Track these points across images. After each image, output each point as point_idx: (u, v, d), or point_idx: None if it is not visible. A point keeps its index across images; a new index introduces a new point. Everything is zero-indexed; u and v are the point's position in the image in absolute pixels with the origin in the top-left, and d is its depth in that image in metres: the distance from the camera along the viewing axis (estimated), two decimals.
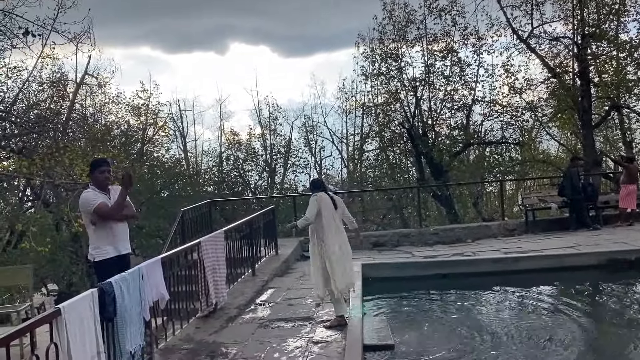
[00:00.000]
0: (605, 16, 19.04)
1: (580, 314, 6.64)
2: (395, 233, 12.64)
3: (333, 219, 5.86)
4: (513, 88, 19.47)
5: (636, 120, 20.83)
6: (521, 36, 19.71)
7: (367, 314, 6.71)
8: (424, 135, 19.06)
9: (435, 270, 8.37)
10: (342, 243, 5.87)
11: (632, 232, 11.22)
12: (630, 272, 8.16)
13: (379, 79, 19.44)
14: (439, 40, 19.00)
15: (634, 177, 12.49)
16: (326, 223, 5.80)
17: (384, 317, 6.47)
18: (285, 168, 29.92)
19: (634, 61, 19.14)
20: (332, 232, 5.80)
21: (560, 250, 9.37)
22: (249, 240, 8.54)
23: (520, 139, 22.46)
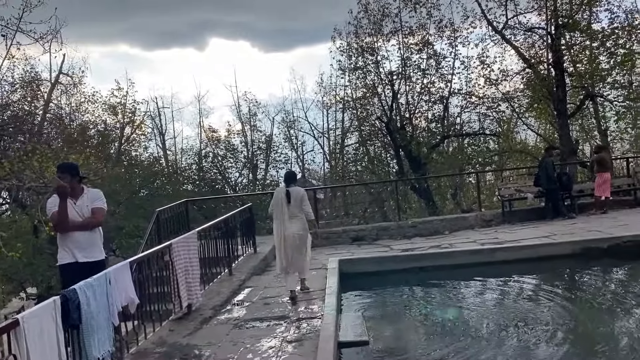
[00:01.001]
0: (577, 6, 19.22)
1: (558, 302, 6.69)
2: (375, 227, 12.66)
3: (282, 210, 6.82)
4: (489, 79, 19.59)
5: (610, 108, 21.09)
6: (496, 27, 19.81)
7: (343, 310, 6.70)
8: (402, 129, 19.08)
9: (412, 264, 8.39)
10: (288, 233, 6.76)
11: (606, 220, 11.38)
12: (604, 259, 8.26)
13: (355, 73, 19.41)
14: (414, 33, 19.01)
15: (608, 166, 12.67)
16: (276, 213, 6.92)
17: (361, 313, 6.45)
18: (267, 164, 29.78)
19: (607, 50, 19.40)
20: (279, 221, 6.86)
21: (536, 240, 9.45)
22: (225, 240, 8.46)
23: (498, 129, 22.64)
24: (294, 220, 6.79)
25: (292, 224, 6.77)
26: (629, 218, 11.30)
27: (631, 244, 8.27)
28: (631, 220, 10.94)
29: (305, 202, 6.88)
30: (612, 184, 13.17)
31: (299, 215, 6.84)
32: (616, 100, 20.50)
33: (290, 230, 6.75)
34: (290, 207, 6.79)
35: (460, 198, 21.54)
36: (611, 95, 20.62)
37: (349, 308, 7.05)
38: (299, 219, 6.84)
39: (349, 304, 7.20)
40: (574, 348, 5.18)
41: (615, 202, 13.32)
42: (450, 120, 20.45)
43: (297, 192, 6.86)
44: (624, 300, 6.61)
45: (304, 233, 6.89)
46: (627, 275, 7.97)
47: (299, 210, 6.82)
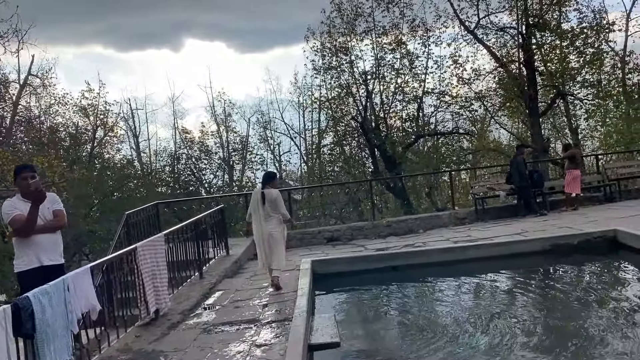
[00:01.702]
0: (547, 6, 19.52)
1: (531, 299, 6.73)
2: (350, 227, 12.60)
3: (257, 210, 7.27)
4: (461, 79, 19.75)
5: (580, 107, 21.47)
6: (468, 27, 20.00)
7: (316, 312, 6.60)
8: (376, 129, 19.11)
9: (386, 263, 8.33)
10: (264, 231, 7.21)
11: (576, 216, 11.52)
12: (575, 256, 8.32)
13: (329, 73, 19.37)
14: (388, 33, 19.06)
15: (578, 163, 12.84)
16: (252, 212, 7.37)
17: (333, 314, 6.36)
18: (244, 165, 29.57)
19: (576, 49, 19.73)
20: (257, 220, 7.29)
21: (508, 237, 9.50)
22: (196, 242, 8.29)
23: (472, 128, 22.86)
24: (269, 220, 7.24)
25: (267, 223, 7.23)
26: (599, 214, 11.46)
27: (601, 240, 8.35)
28: (601, 216, 11.09)
29: (279, 203, 7.27)
30: (583, 180, 13.37)
31: (274, 215, 7.25)
32: (586, 99, 20.89)
33: (266, 228, 7.21)
34: (265, 207, 7.22)
35: (435, 197, 21.64)
36: (581, 93, 21.00)
37: (322, 309, 6.95)
38: (274, 219, 7.26)
39: (321, 306, 7.10)
40: (548, 344, 5.17)
41: (585, 199, 13.53)
42: (425, 120, 20.56)
43: (271, 194, 7.25)
44: (594, 295, 6.65)
45: (278, 232, 7.30)
46: (597, 271, 8.05)
47: (273, 211, 7.23)
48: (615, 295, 6.46)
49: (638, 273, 7.37)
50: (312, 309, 6.58)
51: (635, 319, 5.51)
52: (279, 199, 7.31)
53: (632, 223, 9.48)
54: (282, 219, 7.32)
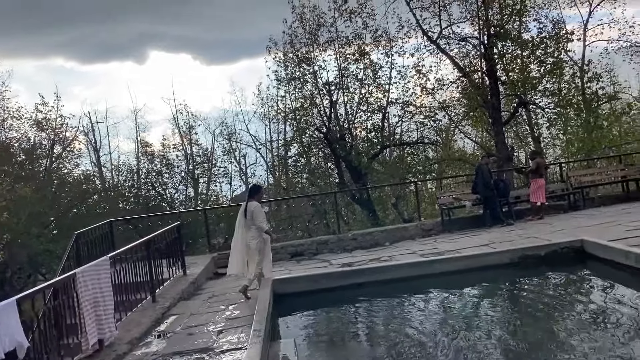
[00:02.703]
0: (508, 16, 19.72)
1: (499, 313, 6.48)
2: (314, 241, 12.23)
3: (239, 223, 7.87)
4: (425, 89, 19.72)
5: (542, 115, 21.74)
6: (431, 37, 20.03)
7: (276, 336, 6.17)
8: (341, 139, 18.83)
9: (351, 280, 7.94)
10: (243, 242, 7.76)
11: (542, 226, 11.44)
12: (542, 267, 8.13)
13: (292, 83, 19.04)
14: (351, 43, 18.87)
15: (543, 172, 12.82)
16: (236, 225, 7.94)
17: (293, 339, 5.94)
18: (209, 178, 28.90)
19: (537, 59, 19.98)
20: (237, 232, 7.88)
21: (475, 249, 9.29)
22: (148, 263, 7.76)
23: (437, 138, 22.85)
24: (249, 231, 7.74)
25: (248, 234, 7.75)
26: (564, 223, 11.41)
27: (568, 251, 8.18)
28: (566, 225, 11.03)
29: (255, 216, 7.67)
30: (547, 189, 13.36)
31: (253, 227, 7.70)
32: (547, 108, 21.16)
33: (247, 239, 7.73)
34: (246, 220, 7.76)
35: (402, 207, 21.47)
36: (542, 102, 21.26)
37: (283, 333, 6.53)
38: (253, 230, 7.71)
39: (282, 329, 6.67)
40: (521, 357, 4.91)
41: (550, 207, 13.53)
42: (390, 130, 20.41)
43: (251, 207, 7.74)
44: (563, 308, 6.43)
45: (255, 243, 7.70)
46: (565, 282, 7.85)
47: (253, 222, 7.69)
48: (583, 308, 6.25)
49: (605, 284, 7.18)
50: (273, 333, 6.15)
51: (602, 331, 5.31)
52: (256, 211, 7.68)
53: (598, 232, 9.41)
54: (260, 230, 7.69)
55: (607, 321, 5.65)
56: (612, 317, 5.73)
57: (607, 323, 5.59)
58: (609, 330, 5.36)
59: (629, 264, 6.92)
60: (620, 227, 9.58)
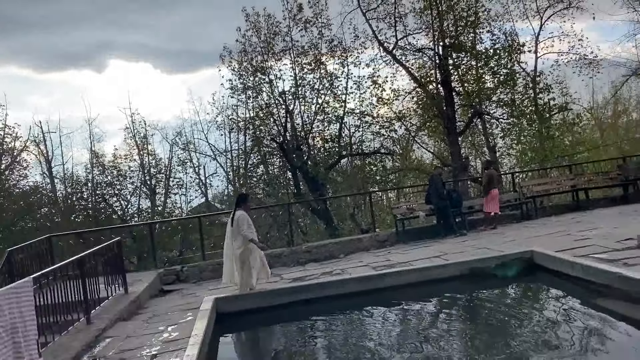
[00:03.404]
0: (462, 28, 19.97)
1: (450, 327, 6.33)
2: (266, 254, 11.79)
3: (227, 232, 8.14)
4: (381, 99, 19.72)
5: (496, 125, 22.06)
6: (387, 48, 20.10)
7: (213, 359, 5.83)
8: (298, 149, 18.58)
9: (299, 296, 7.68)
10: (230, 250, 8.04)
11: (495, 236, 11.43)
12: (493, 280, 8.06)
13: (247, 93, 18.72)
14: (307, 52, 18.71)
15: (495, 182, 12.88)
16: (226, 234, 8.24)
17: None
18: (167, 189, 28.15)
19: (490, 70, 20.30)
20: (226, 241, 8.21)
21: (427, 261, 9.16)
22: (82, 281, 7.26)
23: (394, 148, 22.88)
24: (236, 240, 7.91)
25: (235, 243, 7.92)
26: (516, 233, 11.44)
27: (518, 261, 8.14)
28: (518, 235, 11.05)
29: (240, 224, 7.82)
30: (501, 199, 13.44)
31: (239, 236, 7.87)
32: (501, 118, 21.49)
33: (233, 248, 7.94)
34: (233, 228, 7.95)
35: (360, 218, 21.36)
36: (497, 113, 21.58)
37: (225, 355, 6.19)
38: (239, 239, 7.88)
39: (222, 350, 6.33)
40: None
41: (503, 217, 13.60)
42: (347, 140, 20.29)
43: (236, 216, 7.93)
44: (513, 321, 6.32)
45: (242, 251, 7.88)
46: (515, 295, 7.81)
47: (237, 232, 7.88)
48: (532, 321, 6.15)
49: (553, 295, 7.14)
50: (210, 356, 5.80)
51: (551, 344, 5.21)
52: (240, 219, 7.85)
53: (548, 242, 9.43)
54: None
55: (554, 334, 5.56)
56: (560, 329, 5.66)
57: (554, 335, 5.50)
58: (556, 343, 5.27)
59: (576, 275, 6.90)
60: (569, 237, 9.63)
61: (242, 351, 6.51)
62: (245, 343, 6.72)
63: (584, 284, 6.61)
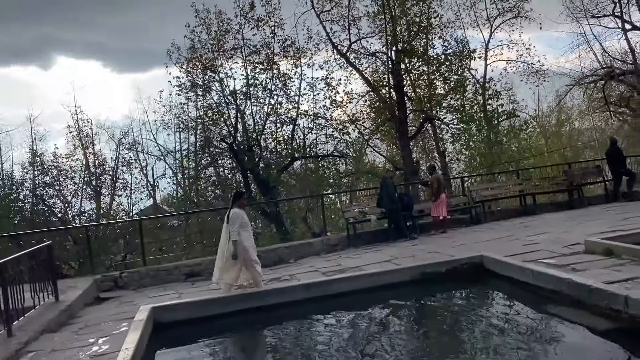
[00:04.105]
0: (415, 33, 20.10)
1: (404, 332, 6.14)
2: (212, 260, 11.25)
3: (223, 229, 8.08)
4: (335, 102, 19.56)
5: (447, 131, 22.32)
6: (341, 50, 19.99)
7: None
8: (249, 151, 18.10)
9: (244, 305, 7.26)
10: (224, 248, 7.93)
11: (445, 240, 11.39)
12: (444, 284, 7.91)
13: (195, 91, 18.08)
14: (259, 51, 18.29)
15: (443, 186, 12.88)
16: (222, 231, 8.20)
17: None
18: (113, 190, 27.02)
19: (441, 75, 20.51)
20: (221, 238, 8.14)
21: (377, 266, 8.96)
22: (1, 290, 6.60)
23: (347, 151, 22.75)
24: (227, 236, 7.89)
25: (227, 240, 7.88)
26: (466, 237, 11.43)
27: (468, 267, 8.03)
28: (467, 239, 11.04)
29: (231, 223, 7.74)
30: (450, 203, 13.47)
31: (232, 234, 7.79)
32: (451, 123, 21.77)
33: (227, 246, 7.84)
34: (227, 226, 7.89)
35: (312, 221, 21.07)
36: (447, 118, 21.86)
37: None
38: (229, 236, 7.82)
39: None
40: None
41: (453, 221, 13.63)
42: (299, 142, 19.97)
43: (231, 214, 7.85)
44: (463, 326, 6.16)
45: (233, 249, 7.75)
46: (465, 300, 7.68)
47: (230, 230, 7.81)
48: (481, 327, 6.00)
49: (504, 301, 7.04)
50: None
51: (498, 351, 5.06)
52: (232, 218, 7.76)
53: (497, 246, 9.42)
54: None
55: (502, 340, 5.42)
56: (508, 335, 5.52)
57: (502, 342, 5.36)
58: (503, 350, 5.12)
59: (526, 281, 6.82)
60: (518, 242, 9.66)
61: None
62: (182, 356, 6.24)
63: (534, 289, 6.54)
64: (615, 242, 7.54)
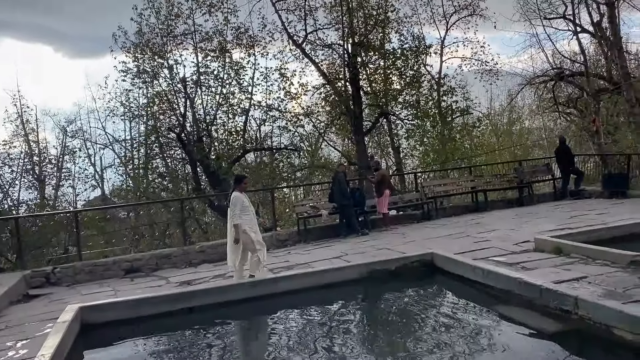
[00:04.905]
0: (372, 26, 19.86)
1: (350, 334, 5.80)
2: (154, 255, 10.77)
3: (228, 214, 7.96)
4: (289, 93, 19.13)
5: (401, 126, 22.27)
6: (296, 41, 19.52)
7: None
8: (199, 141, 17.43)
9: (181, 304, 6.76)
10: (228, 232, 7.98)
11: (396, 236, 11.22)
12: (393, 282, 7.66)
13: (143, 77, 17.25)
14: (211, 38, 17.61)
15: (386, 183, 12.73)
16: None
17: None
18: (59, 180, 25.74)
19: (397, 70, 20.39)
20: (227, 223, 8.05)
21: (326, 262, 8.67)
22: None
23: (301, 144, 22.35)
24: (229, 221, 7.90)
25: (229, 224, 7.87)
26: (417, 233, 11.29)
27: (418, 264, 7.82)
28: (418, 235, 10.90)
29: (231, 207, 7.72)
30: (402, 198, 13.35)
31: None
32: (406, 119, 21.72)
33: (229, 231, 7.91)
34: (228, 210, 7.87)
35: (264, 215, 20.58)
36: (402, 114, 21.79)
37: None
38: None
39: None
40: None
41: (405, 217, 13.52)
42: (252, 134, 19.44)
43: (231, 197, 7.83)
44: (410, 326, 5.92)
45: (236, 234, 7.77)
46: (415, 299, 7.43)
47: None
48: (429, 327, 5.77)
49: (454, 301, 6.83)
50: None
51: (445, 353, 4.83)
52: (232, 202, 7.75)
53: (448, 243, 9.30)
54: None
55: (450, 342, 5.19)
56: (457, 337, 5.30)
57: (450, 344, 5.12)
58: (451, 354, 4.89)
59: (476, 279, 6.64)
60: (469, 239, 9.56)
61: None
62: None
63: (485, 288, 6.36)
64: (565, 241, 7.51)
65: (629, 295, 5.17)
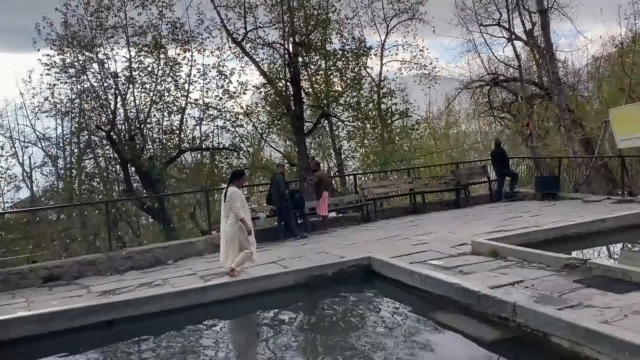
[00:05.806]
0: (313, 26, 19.59)
1: (279, 344, 5.47)
2: (76, 262, 9.97)
3: (222, 208, 7.86)
4: (227, 92, 18.55)
5: (342, 128, 22.14)
6: (236, 39, 18.97)
7: None
8: (130, 140, 16.54)
9: (97, 317, 6.18)
10: (224, 228, 7.71)
11: (335, 239, 10.97)
12: (330, 288, 7.38)
13: (68, 72, 16.17)
14: (145, 33, 16.76)
15: (325, 184, 12.50)
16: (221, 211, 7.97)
17: None
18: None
19: (338, 71, 20.24)
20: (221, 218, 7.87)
21: (261, 268, 8.26)
22: None
23: (240, 144, 21.76)
24: (227, 218, 7.65)
25: (226, 220, 7.66)
26: (356, 235, 11.09)
27: (355, 269, 7.59)
28: (358, 238, 10.69)
29: (233, 202, 7.54)
30: (342, 200, 13.14)
31: (231, 213, 7.58)
32: (347, 121, 21.61)
33: (224, 226, 7.72)
34: (225, 205, 7.70)
35: (201, 218, 19.87)
36: (343, 115, 21.66)
37: None
38: (232, 216, 7.59)
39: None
40: None
41: (345, 219, 13.33)
42: (189, 133, 18.68)
43: (229, 192, 7.65)
44: (341, 337, 5.62)
45: (232, 229, 7.59)
46: (349, 306, 7.16)
47: (229, 209, 7.58)
48: (361, 339, 5.49)
49: (390, 308, 6.59)
50: None
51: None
52: (233, 197, 7.57)
53: (387, 245, 9.16)
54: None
55: (384, 353, 4.94)
56: (386, 347, 5.06)
57: (386, 355, 4.88)
58: None
59: (414, 285, 6.47)
60: (407, 242, 9.44)
61: None
62: None
63: (422, 294, 6.19)
64: (501, 244, 7.48)
65: (564, 300, 5.11)
